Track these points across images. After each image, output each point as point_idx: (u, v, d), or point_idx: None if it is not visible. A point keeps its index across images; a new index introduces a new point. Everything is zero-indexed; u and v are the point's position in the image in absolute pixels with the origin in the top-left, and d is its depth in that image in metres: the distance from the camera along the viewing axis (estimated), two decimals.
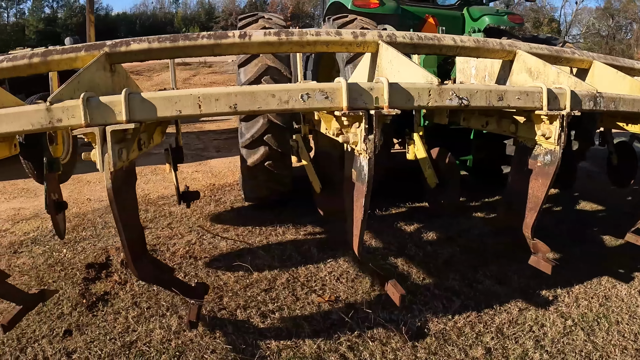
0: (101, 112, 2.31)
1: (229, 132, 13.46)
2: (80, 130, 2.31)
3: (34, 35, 57.24)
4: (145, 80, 27.59)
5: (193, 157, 10.44)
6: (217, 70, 30.62)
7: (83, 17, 63.00)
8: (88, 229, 6.01)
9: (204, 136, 13.35)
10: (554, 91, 3.05)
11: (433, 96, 2.56)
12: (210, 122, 14.92)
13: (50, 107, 2.30)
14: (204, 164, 9.90)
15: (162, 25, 71.20)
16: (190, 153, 10.80)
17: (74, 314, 3.95)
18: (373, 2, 6.63)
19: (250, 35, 2.97)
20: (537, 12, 66.88)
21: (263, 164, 5.58)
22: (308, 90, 2.34)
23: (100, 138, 2.29)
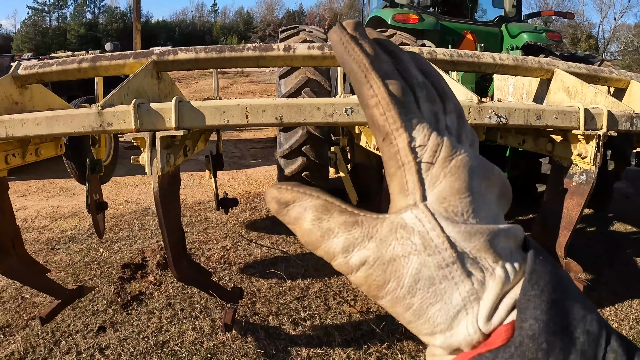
0: (151, 118, 2.38)
1: (266, 141, 13.56)
2: (130, 134, 2.39)
3: (75, 40, 58.22)
4: (184, 87, 27.85)
5: (230, 164, 10.53)
6: (254, 79, 30.80)
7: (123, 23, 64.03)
8: (125, 230, 6.13)
9: (241, 144, 13.47)
10: (591, 111, 3.06)
11: (472, 114, 2.60)
12: (247, 130, 15.03)
13: (102, 111, 2.38)
14: (241, 172, 10.01)
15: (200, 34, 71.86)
16: (228, 161, 10.88)
17: (108, 312, 4.05)
18: (413, 17, 6.68)
19: (294, 48, 3.04)
20: (575, 29, 66.11)
21: (300, 174, 5.64)
22: (352, 105, 2.40)
23: (150, 143, 2.37)
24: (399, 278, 0.48)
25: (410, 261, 0.48)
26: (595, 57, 8.16)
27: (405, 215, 0.49)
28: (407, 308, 0.48)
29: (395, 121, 0.49)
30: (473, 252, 0.48)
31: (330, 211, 0.51)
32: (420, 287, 0.47)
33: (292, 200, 0.52)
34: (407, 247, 0.48)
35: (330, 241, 0.50)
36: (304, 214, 0.51)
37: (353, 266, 0.49)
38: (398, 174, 0.50)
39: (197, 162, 9.42)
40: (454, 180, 0.49)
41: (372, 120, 0.51)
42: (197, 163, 9.37)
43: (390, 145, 0.50)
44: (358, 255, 0.49)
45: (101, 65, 3.01)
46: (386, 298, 0.49)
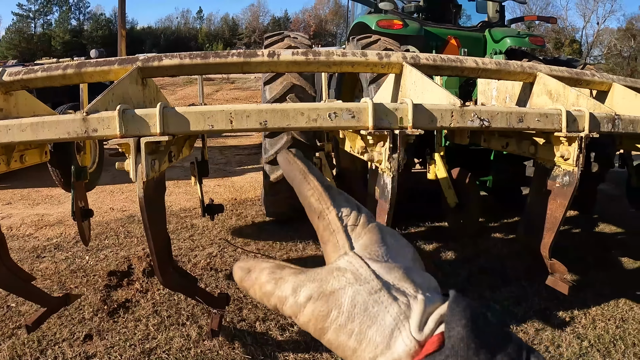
0: (136, 124, 2.38)
1: (251, 147, 13.57)
2: (115, 140, 2.38)
3: (60, 46, 58.05)
4: (169, 94, 27.80)
5: (216, 171, 10.52)
6: (239, 86, 30.84)
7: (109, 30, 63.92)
8: (110, 237, 6.11)
9: (226, 151, 13.46)
10: (573, 113, 3.09)
11: (455, 117, 2.62)
12: (232, 137, 15.03)
13: (87, 118, 2.36)
14: (226, 179, 10.00)
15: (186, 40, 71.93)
16: (213, 167, 10.87)
17: (94, 319, 4.03)
18: (397, 23, 6.71)
19: (279, 54, 3.05)
20: (559, 33, 66.74)
21: (285, 180, 5.63)
22: (335, 110, 2.41)
23: (134, 149, 2.37)
24: (339, 306, 0.59)
25: (346, 291, 0.60)
26: (578, 61, 8.25)
27: (339, 261, 0.64)
28: (350, 334, 0.58)
29: (326, 202, 0.68)
30: (395, 282, 0.61)
31: (282, 268, 0.66)
32: (357, 311, 0.58)
33: (254, 265, 0.68)
34: (342, 281, 0.61)
35: (282, 286, 0.63)
36: (262, 272, 0.66)
37: (301, 303, 0.61)
38: (331, 238, 0.67)
39: (183, 169, 9.42)
40: (372, 235, 0.66)
41: (310, 206, 0.69)
42: (183, 170, 9.37)
43: (324, 220, 0.68)
44: (304, 292, 0.61)
45: (86, 72, 3.00)
46: (331, 328, 0.59)
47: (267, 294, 0.64)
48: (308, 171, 0.72)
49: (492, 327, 0.55)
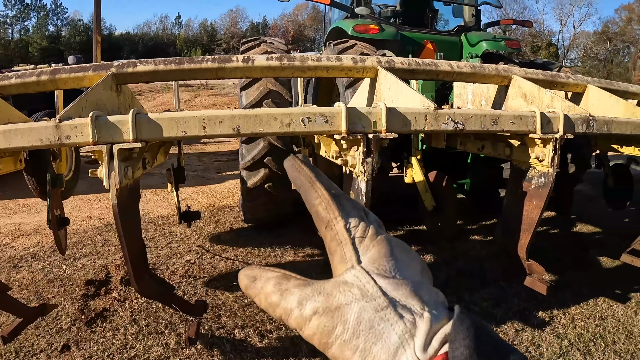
0: (109, 131, 2.36)
1: (229, 153, 13.52)
2: (88, 147, 2.36)
3: (38, 53, 57.56)
4: (147, 100, 27.72)
5: (194, 178, 10.48)
6: (218, 92, 30.77)
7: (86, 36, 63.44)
8: (88, 246, 6.05)
9: (205, 157, 13.40)
10: (547, 115, 3.11)
11: (429, 120, 2.62)
12: (211, 143, 14.98)
13: (60, 124, 2.34)
14: (205, 185, 9.94)
15: (164, 46, 71.67)
16: (192, 174, 10.85)
17: (72, 329, 3.99)
18: (373, 28, 6.72)
19: (253, 59, 3.04)
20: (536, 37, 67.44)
21: (263, 186, 5.64)
22: (309, 114, 2.40)
23: (107, 156, 2.34)
24: (344, 322, 0.59)
25: (352, 307, 0.59)
26: (554, 64, 8.32)
27: (346, 275, 0.63)
28: (355, 350, 0.58)
29: (334, 212, 0.67)
30: (402, 299, 0.60)
31: (287, 279, 0.66)
32: (363, 328, 0.58)
33: (260, 274, 0.68)
34: (348, 296, 0.60)
35: (288, 298, 0.63)
36: (268, 282, 0.66)
37: (306, 316, 0.61)
38: (338, 249, 0.66)
39: (161, 176, 9.36)
40: (381, 248, 0.65)
41: (317, 214, 0.68)
42: (161, 177, 9.31)
43: (331, 230, 0.66)
44: (310, 306, 0.61)
45: (60, 78, 2.97)
46: (336, 343, 0.59)
47: (273, 304, 0.65)
48: (315, 178, 0.71)
49: (496, 345, 0.55)
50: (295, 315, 0.62)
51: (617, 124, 3.45)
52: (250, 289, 0.68)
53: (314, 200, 0.69)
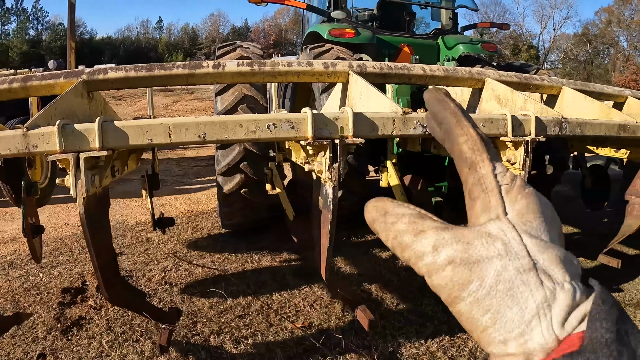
0: (75, 139, 2.34)
1: (209, 159, 13.46)
2: (55, 156, 2.34)
3: (18, 57, 57.06)
4: (128, 105, 27.57)
5: (173, 183, 10.43)
6: (199, 96, 30.64)
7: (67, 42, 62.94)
8: (65, 253, 6.00)
9: (184, 163, 13.34)
10: (519, 118, 3.12)
11: (397, 125, 2.63)
12: (190, 148, 14.91)
13: (27, 133, 2.32)
14: (183, 191, 9.88)
15: (145, 51, 71.29)
16: (170, 179, 10.80)
17: (48, 338, 3.95)
18: (348, 32, 6.71)
19: (223, 65, 3.03)
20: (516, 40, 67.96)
21: (239, 191, 5.62)
22: (274, 121, 2.40)
23: (74, 164, 2.32)
24: (482, 278, 0.53)
25: (493, 263, 0.54)
26: (531, 66, 8.36)
27: (490, 226, 0.57)
28: (486, 310, 0.53)
29: (482, 153, 0.61)
30: (546, 263, 0.54)
31: (423, 218, 0.60)
32: (500, 289, 0.53)
33: (392, 209, 0.61)
34: (491, 250, 0.55)
35: (422, 240, 0.57)
36: (400, 219, 0.60)
37: (440, 264, 0.55)
38: (482, 196, 0.60)
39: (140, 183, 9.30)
40: (529, 202, 0.59)
41: (460, 154, 0.63)
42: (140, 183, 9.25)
43: (476, 173, 0.61)
44: (446, 253, 0.55)
45: (32, 85, 2.95)
46: (467, 300, 0.54)
47: (403, 245, 0.59)
48: (462, 114, 0.65)
49: (633, 331, 0.49)
50: (427, 261, 0.56)
51: (591, 125, 3.47)
52: (378, 223, 0.61)
53: (459, 138, 0.63)
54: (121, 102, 27.93)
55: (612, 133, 3.60)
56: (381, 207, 0.62)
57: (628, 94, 4.58)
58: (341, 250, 5.97)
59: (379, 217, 0.61)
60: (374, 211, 0.62)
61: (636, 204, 4.37)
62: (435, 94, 0.68)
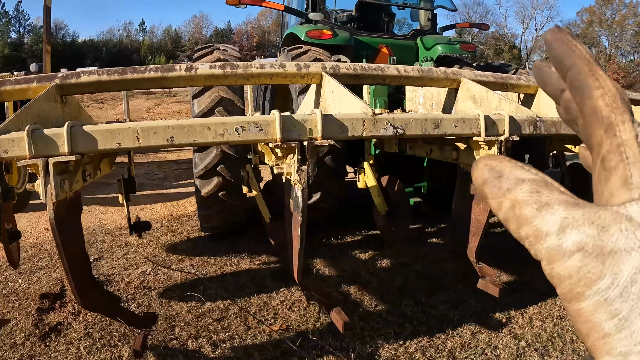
0: (45, 144, 2.33)
1: (190, 162, 13.34)
2: (24, 161, 2.33)
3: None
4: (110, 109, 27.41)
5: (153, 186, 10.38)
6: (181, 99, 30.52)
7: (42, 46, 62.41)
8: (44, 259, 5.95)
9: (164, 166, 13.26)
10: (492, 117, 3.14)
11: (367, 126, 2.63)
12: (171, 152, 14.84)
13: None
14: (164, 194, 9.82)
15: (128, 53, 70.95)
16: (150, 183, 10.74)
17: (26, 344, 3.92)
18: (326, 33, 6.71)
19: (196, 68, 3.02)
20: (499, 40, 68.35)
21: (217, 194, 5.61)
22: (242, 123, 2.39)
23: (43, 169, 2.31)
24: (616, 274, 0.43)
25: (632, 257, 0.43)
26: (510, 66, 8.41)
27: (631, 208, 0.45)
28: (613, 315, 0.42)
29: (623, 113, 0.48)
30: None
31: (549, 188, 0.48)
32: (635, 291, 0.42)
33: (509, 171, 0.49)
34: (631, 241, 0.43)
35: (546, 216, 0.46)
36: (520, 185, 0.48)
37: (567, 249, 0.44)
38: (621, 166, 0.47)
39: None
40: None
41: (594, 111, 0.50)
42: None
43: (614, 137, 0.48)
44: (576, 237, 0.44)
45: (5, 90, 2.93)
46: (592, 299, 0.43)
47: (522, 218, 0.47)
48: (594, 61, 0.52)
49: None
50: (551, 243, 0.45)
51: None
52: (490, 186, 0.49)
53: (594, 91, 0.50)
54: (103, 106, 27.80)
55: None
56: (497, 166, 0.50)
57: None
58: (320, 252, 5.97)
59: (493, 179, 0.50)
60: (487, 171, 0.50)
61: None
62: (560, 34, 0.54)
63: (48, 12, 6.98)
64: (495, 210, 0.49)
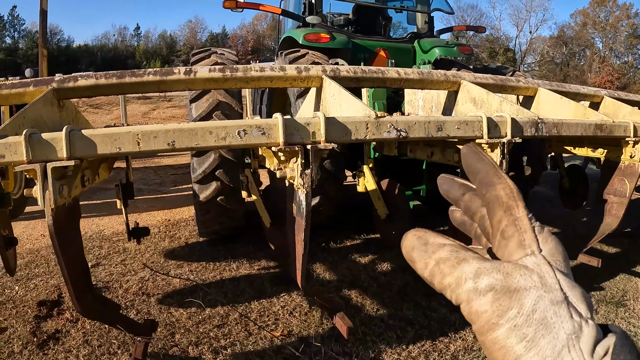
0: (43, 149, 2.28)
1: (187, 166, 13.35)
2: (22, 166, 2.28)
3: None
4: (105, 114, 27.37)
5: (150, 192, 10.34)
6: (177, 104, 30.51)
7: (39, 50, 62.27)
8: (41, 265, 5.90)
9: (161, 171, 13.23)
10: (495, 119, 3.11)
11: (370, 129, 2.60)
12: (167, 156, 14.81)
13: None
14: (161, 199, 9.79)
15: (123, 58, 70.97)
16: (147, 188, 10.70)
17: (24, 353, 3.87)
18: (324, 36, 6.70)
19: (195, 71, 2.99)
20: (493, 43, 68.59)
21: (215, 199, 5.58)
22: (245, 127, 2.36)
23: (42, 175, 2.27)
24: (520, 306, 0.58)
25: (530, 293, 0.58)
26: (507, 68, 8.41)
27: (527, 260, 0.62)
28: (522, 338, 0.57)
29: (518, 200, 0.66)
30: (574, 299, 0.59)
31: (465, 249, 0.65)
32: (536, 318, 0.57)
33: (433, 239, 0.67)
34: (528, 281, 0.59)
35: (464, 267, 0.62)
36: (442, 247, 0.65)
37: (481, 290, 0.60)
38: (516, 235, 0.64)
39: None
40: (557, 244, 0.64)
41: (497, 199, 0.67)
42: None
43: (510, 215, 0.65)
44: (487, 281, 0.60)
45: (1, 94, 2.89)
46: (505, 326, 0.57)
47: (445, 271, 0.64)
48: (499, 167, 0.70)
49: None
50: (468, 287, 0.61)
51: (567, 125, 3.48)
52: (418, 251, 0.67)
53: (497, 185, 0.68)
54: (99, 111, 27.72)
55: (589, 133, 3.61)
56: (422, 237, 0.68)
57: (604, 94, 4.61)
58: (319, 257, 5.94)
59: (420, 245, 0.67)
60: (415, 240, 0.68)
61: (614, 203, 4.38)
62: (474, 149, 0.74)
63: (44, 15, 6.92)
64: (421, 271, 0.67)
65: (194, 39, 77.46)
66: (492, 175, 0.69)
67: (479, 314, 0.59)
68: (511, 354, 0.57)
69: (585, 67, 65.97)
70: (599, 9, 65.55)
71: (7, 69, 45.95)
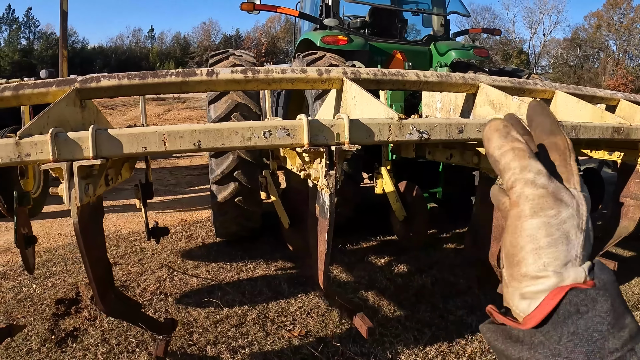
0: (69, 148, 2.30)
1: (202, 167, 13.42)
2: (48, 165, 2.30)
3: (9, 67, 56.83)
4: (120, 115, 27.53)
5: (165, 192, 10.40)
6: (191, 105, 30.65)
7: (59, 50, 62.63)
8: (58, 264, 5.95)
9: (176, 172, 13.29)
10: None
11: (393, 131, 2.60)
12: (183, 157, 14.87)
13: (19, 142, 2.28)
14: (176, 200, 9.84)
15: (137, 60, 71.21)
16: (163, 189, 10.76)
17: (42, 350, 3.90)
18: (341, 39, 6.72)
19: (217, 73, 3.01)
20: (507, 45, 68.29)
21: (233, 200, 5.60)
22: (270, 128, 2.37)
23: (67, 173, 2.29)
24: (559, 212, 0.71)
25: (568, 209, 0.72)
26: (523, 71, 8.40)
27: (573, 190, 0.74)
28: (549, 235, 0.70)
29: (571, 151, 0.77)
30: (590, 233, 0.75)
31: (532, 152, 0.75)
32: (564, 228, 0.70)
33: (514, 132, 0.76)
34: (569, 201, 0.72)
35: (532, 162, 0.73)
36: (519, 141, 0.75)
37: (537, 184, 0.72)
38: (566, 173, 0.76)
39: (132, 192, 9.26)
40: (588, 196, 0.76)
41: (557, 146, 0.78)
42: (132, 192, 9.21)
43: (564, 160, 0.77)
44: (544, 180, 0.72)
45: (24, 94, 2.91)
46: (541, 219, 0.70)
47: (517, 154, 0.73)
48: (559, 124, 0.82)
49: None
50: (528, 177, 0.72)
51: (585, 128, 3.46)
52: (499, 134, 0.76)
53: (557, 135, 0.79)
54: (113, 112, 27.89)
55: (607, 136, 3.60)
56: (508, 126, 0.77)
57: (620, 97, 4.59)
58: (336, 258, 5.95)
59: (503, 130, 0.77)
60: (501, 126, 0.77)
61: (631, 206, 4.37)
62: (541, 104, 0.84)
63: (65, 17, 6.98)
64: (493, 149, 0.76)
65: (207, 41, 77.62)
66: (554, 127, 0.80)
67: (527, 200, 0.71)
68: (535, 242, 0.70)
69: (599, 69, 65.59)
70: (613, 11, 65.19)
71: (22, 70, 46.23)
